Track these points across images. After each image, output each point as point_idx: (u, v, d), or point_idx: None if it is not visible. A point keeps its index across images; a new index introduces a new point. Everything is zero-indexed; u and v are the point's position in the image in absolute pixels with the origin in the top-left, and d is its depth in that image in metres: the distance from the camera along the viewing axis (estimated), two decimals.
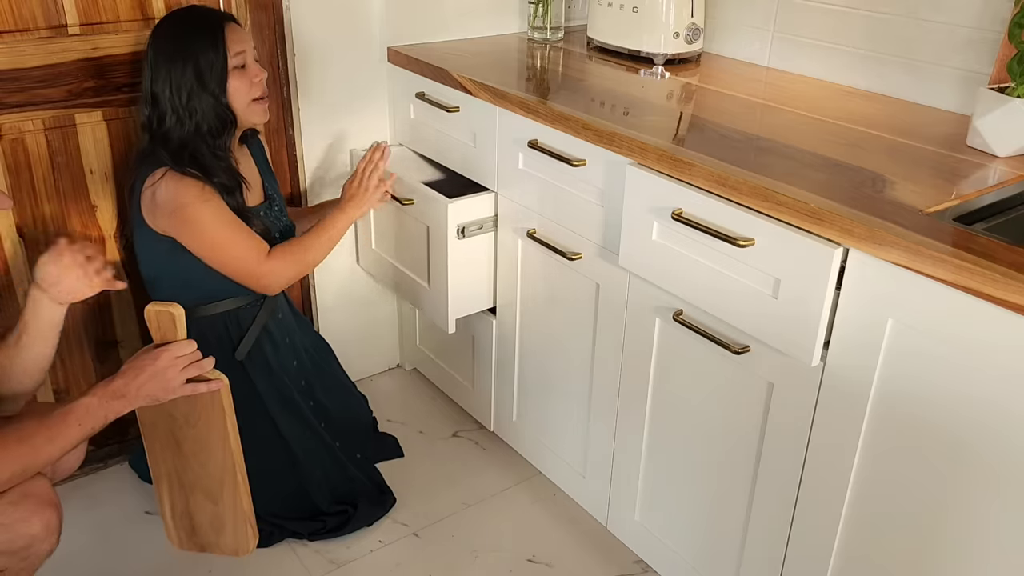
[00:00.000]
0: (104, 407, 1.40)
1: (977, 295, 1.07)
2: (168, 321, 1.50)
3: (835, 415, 1.29)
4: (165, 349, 1.47)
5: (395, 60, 2.08)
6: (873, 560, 1.30)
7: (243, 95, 1.69)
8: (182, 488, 1.62)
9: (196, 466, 1.60)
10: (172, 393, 1.48)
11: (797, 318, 1.27)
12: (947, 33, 1.65)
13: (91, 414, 1.39)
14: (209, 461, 1.60)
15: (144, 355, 1.47)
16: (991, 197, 1.30)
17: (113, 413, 1.42)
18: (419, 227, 1.95)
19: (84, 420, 1.38)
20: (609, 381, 1.72)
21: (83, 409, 1.38)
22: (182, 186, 1.62)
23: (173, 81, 1.63)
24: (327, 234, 1.82)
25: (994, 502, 1.13)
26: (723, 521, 1.55)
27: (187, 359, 1.49)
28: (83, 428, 1.38)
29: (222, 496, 1.63)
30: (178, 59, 1.62)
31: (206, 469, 1.60)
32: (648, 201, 1.46)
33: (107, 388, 1.42)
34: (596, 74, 1.95)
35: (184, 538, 1.74)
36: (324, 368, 2.05)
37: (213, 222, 1.65)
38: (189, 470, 1.60)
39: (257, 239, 1.72)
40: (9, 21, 1.67)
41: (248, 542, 1.68)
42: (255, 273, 1.72)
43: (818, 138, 1.52)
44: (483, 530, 1.93)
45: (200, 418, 1.56)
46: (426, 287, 2.00)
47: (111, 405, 1.41)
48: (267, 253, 1.73)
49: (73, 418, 1.37)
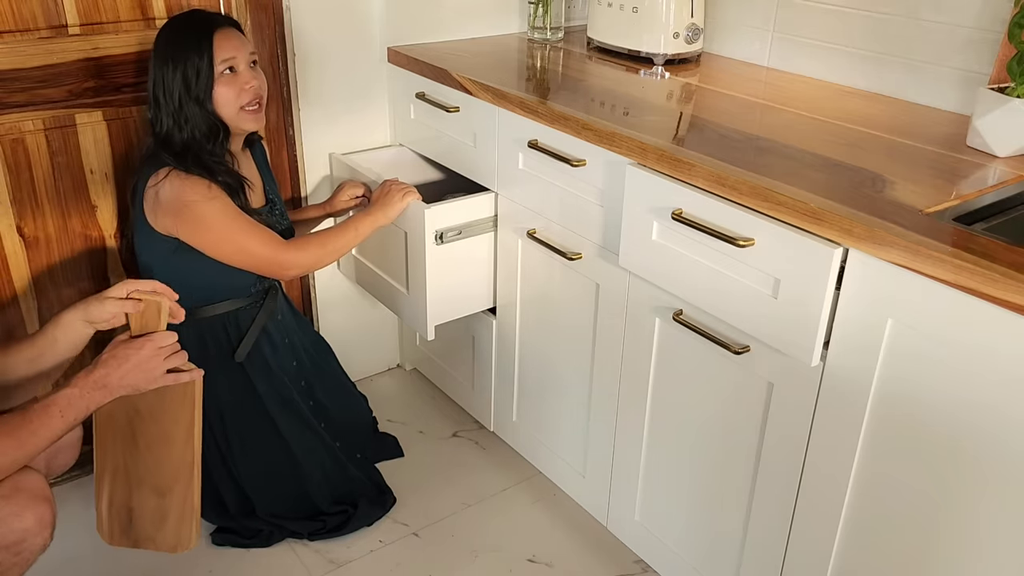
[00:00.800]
0: (86, 397, 1.39)
1: (977, 295, 1.07)
2: (154, 311, 1.47)
3: (835, 415, 1.29)
4: (148, 339, 1.45)
5: (395, 60, 2.08)
6: (873, 560, 1.30)
7: (231, 102, 1.68)
8: (127, 482, 1.59)
9: (150, 460, 1.57)
10: (154, 383, 1.46)
11: (797, 318, 1.27)
12: (947, 33, 1.65)
13: (73, 405, 1.38)
14: (168, 455, 1.56)
15: (125, 345, 1.45)
16: (991, 197, 1.30)
17: (95, 403, 1.41)
18: (397, 233, 1.94)
19: (66, 411, 1.37)
20: (609, 381, 1.72)
21: (65, 400, 1.37)
22: (187, 184, 1.62)
23: (165, 86, 1.64)
24: (352, 232, 1.82)
25: (993, 502, 1.13)
26: (723, 521, 1.55)
27: (169, 350, 1.47)
28: (65, 419, 1.37)
29: (173, 491, 1.59)
30: (168, 64, 1.64)
31: (161, 464, 1.57)
32: (648, 201, 1.46)
33: (88, 378, 1.40)
34: (596, 74, 1.95)
35: (117, 533, 1.67)
36: (324, 368, 2.05)
37: (223, 216, 1.65)
38: (141, 463, 1.57)
39: (268, 229, 1.73)
40: (9, 21, 1.67)
41: (190, 538, 1.61)
42: (277, 261, 1.72)
43: (818, 138, 1.52)
44: (483, 530, 1.93)
45: (167, 412, 1.53)
46: (405, 293, 1.99)
47: (92, 396, 1.40)
48: (282, 241, 1.74)
49: (56, 409, 1.36)
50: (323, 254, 1.79)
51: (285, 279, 1.78)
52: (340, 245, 1.81)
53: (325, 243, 1.79)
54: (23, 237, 1.81)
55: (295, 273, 1.78)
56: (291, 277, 1.81)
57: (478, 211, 1.89)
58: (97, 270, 1.92)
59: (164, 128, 1.66)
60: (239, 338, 1.81)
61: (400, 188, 1.87)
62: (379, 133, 2.20)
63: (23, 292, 1.84)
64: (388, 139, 2.22)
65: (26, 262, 1.82)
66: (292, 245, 1.75)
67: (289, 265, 1.74)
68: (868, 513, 1.29)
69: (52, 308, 1.88)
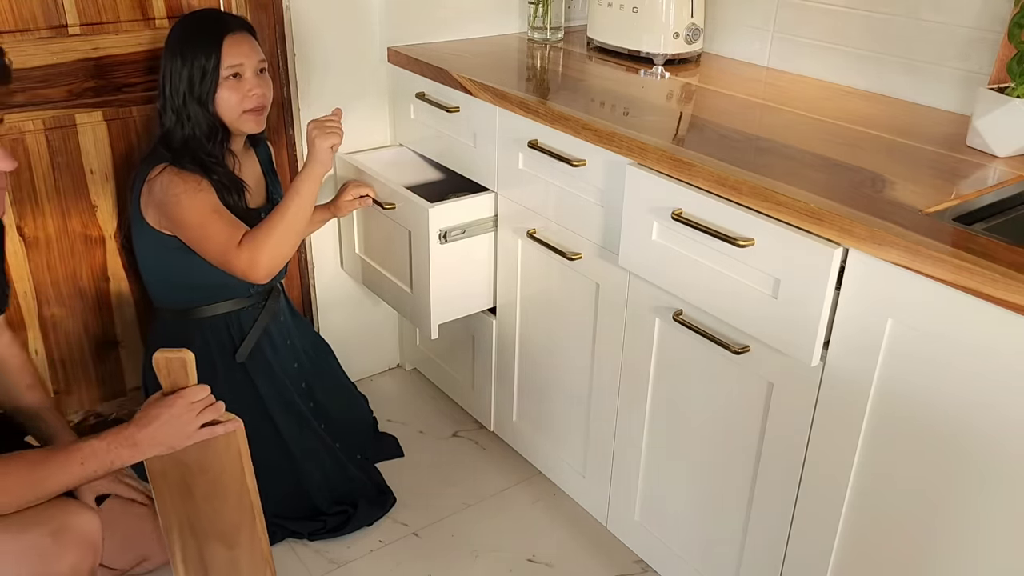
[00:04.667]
0: (111, 453, 1.36)
1: (977, 295, 1.07)
2: (179, 367, 1.43)
3: (835, 415, 1.29)
4: (179, 395, 1.42)
5: (395, 60, 2.08)
6: (873, 560, 1.30)
7: (232, 106, 1.67)
8: (195, 536, 1.57)
9: (209, 511, 1.55)
10: (188, 440, 1.43)
11: (797, 318, 1.27)
12: (947, 33, 1.65)
13: (97, 457, 1.35)
14: (224, 506, 1.55)
15: (157, 403, 1.42)
16: (991, 197, 1.30)
17: (120, 460, 1.37)
18: (401, 232, 1.94)
19: (88, 461, 1.34)
20: (609, 381, 1.72)
21: (90, 450, 1.34)
22: (178, 178, 1.63)
23: (172, 82, 1.65)
24: (293, 196, 1.68)
25: (993, 502, 1.13)
26: (723, 521, 1.55)
27: (201, 404, 1.43)
28: (85, 469, 1.34)
29: (239, 541, 1.58)
30: (177, 60, 1.64)
31: (220, 514, 1.55)
32: (648, 201, 1.46)
33: (118, 435, 1.37)
34: (596, 74, 1.95)
35: None
36: (324, 369, 2.05)
37: (200, 207, 1.63)
38: (202, 515, 1.56)
39: (238, 227, 1.65)
40: (9, 21, 1.67)
41: None
42: (233, 262, 1.64)
43: (818, 138, 1.52)
44: (483, 530, 1.93)
45: (213, 464, 1.51)
46: (409, 292, 1.99)
47: (119, 452, 1.37)
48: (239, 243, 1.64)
49: (78, 456, 1.33)
50: (279, 235, 1.65)
51: (254, 280, 1.66)
52: (289, 218, 1.66)
53: (274, 224, 1.65)
54: (23, 237, 1.81)
55: (250, 270, 1.64)
56: (259, 278, 1.65)
57: (479, 211, 1.89)
58: (97, 270, 1.92)
59: (168, 122, 1.67)
60: (241, 338, 1.81)
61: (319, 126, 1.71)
62: (379, 133, 2.20)
63: (23, 292, 1.84)
64: (388, 139, 2.22)
65: (26, 262, 1.82)
66: (243, 240, 1.63)
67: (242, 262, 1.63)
68: (868, 513, 1.29)
69: (51, 308, 1.88)
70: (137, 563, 1.66)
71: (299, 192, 1.68)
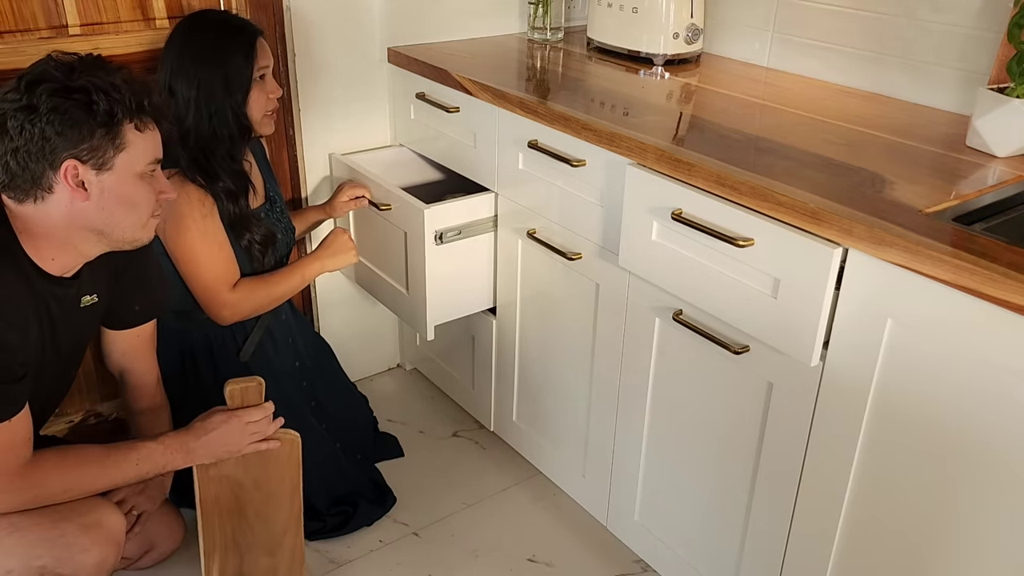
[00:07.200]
0: (165, 456, 1.43)
1: (976, 295, 1.07)
2: (254, 394, 1.52)
3: (835, 415, 1.29)
4: (236, 414, 1.49)
5: (395, 60, 2.08)
6: (873, 559, 1.30)
7: (260, 107, 1.71)
8: (237, 551, 1.61)
9: (259, 526, 1.60)
10: (237, 454, 1.50)
11: (796, 318, 1.27)
12: (947, 33, 1.66)
13: (152, 459, 1.42)
14: (276, 514, 1.60)
15: (215, 417, 1.49)
16: (990, 197, 1.30)
17: (172, 465, 1.45)
18: (397, 233, 1.94)
19: (143, 463, 1.41)
20: (609, 381, 1.72)
21: (146, 451, 1.42)
22: (183, 193, 1.62)
23: (202, 82, 1.64)
24: (298, 278, 1.82)
25: (993, 501, 1.13)
26: (723, 521, 1.55)
27: (256, 426, 1.50)
28: (139, 469, 1.41)
29: (282, 545, 1.63)
30: (208, 62, 1.64)
31: (270, 525, 1.60)
32: (648, 201, 1.46)
33: (174, 439, 1.45)
34: (596, 74, 1.95)
35: None
36: (324, 368, 2.06)
37: (201, 237, 1.65)
38: (251, 532, 1.60)
39: (233, 268, 1.71)
40: (9, 21, 1.67)
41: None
42: (217, 300, 1.70)
43: (817, 138, 1.52)
44: (483, 530, 1.94)
45: (272, 476, 1.57)
46: (405, 294, 1.99)
47: (172, 457, 1.44)
48: (233, 282, 1.71)
49: (134, 456, 1.40)
50: (268, 300, 1.77)
51: (217, 319, 1.72)
52: (286, 290, 1.80)
53: (271, 288, 1.77)
54: None
55: (229, 315, 1.72)
56: (225, 320, 1.72)
57: (478, 211, 1.89)
58: None
59: (186, 122, 1.65)
60: (244, 337, 1.81)
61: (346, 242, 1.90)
62: (379, 133, 2.20)
63: None
64: (388, 139, 2.22)
65: None
66: (239, 286, 1.72)
67: (226, 304, 1.70)
68: (868, 513, 1.29)
69: None
70: (144, 552, 1.68)
71: (304, 275, 1.83)
